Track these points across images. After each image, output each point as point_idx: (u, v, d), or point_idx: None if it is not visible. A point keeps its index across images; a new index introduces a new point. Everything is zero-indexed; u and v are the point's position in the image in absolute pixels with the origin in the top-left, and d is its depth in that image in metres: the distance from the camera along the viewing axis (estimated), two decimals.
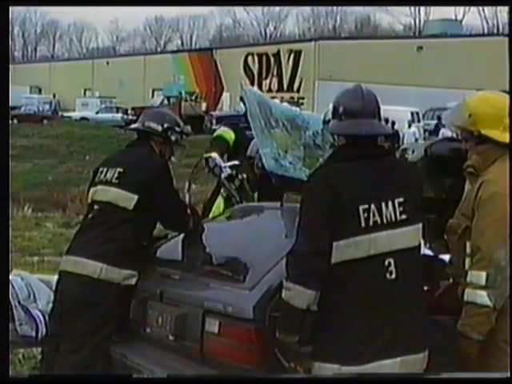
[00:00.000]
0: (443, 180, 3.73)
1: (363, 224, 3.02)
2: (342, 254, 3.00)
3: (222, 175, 4.94)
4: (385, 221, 3.05)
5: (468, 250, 3.25)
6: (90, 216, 4.34)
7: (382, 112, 3.24)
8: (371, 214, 3.03)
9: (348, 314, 3.00)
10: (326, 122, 3.38)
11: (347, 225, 3.01)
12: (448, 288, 3.36)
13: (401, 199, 3.08)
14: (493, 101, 3.34)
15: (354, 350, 2.97)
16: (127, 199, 4.18)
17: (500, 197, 3.14)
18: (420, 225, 3.14)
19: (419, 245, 3.17)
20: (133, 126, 4.70)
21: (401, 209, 3.07)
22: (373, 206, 3.04)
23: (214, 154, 5.08)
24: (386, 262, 3.03)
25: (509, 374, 2.64)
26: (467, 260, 3.25)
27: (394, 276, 3.03)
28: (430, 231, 4.04)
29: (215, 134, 5.79)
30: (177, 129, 4.49)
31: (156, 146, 4.43)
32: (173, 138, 4.46)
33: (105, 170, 4.35)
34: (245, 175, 5.03)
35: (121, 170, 4.26)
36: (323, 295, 2.98)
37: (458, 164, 3.65)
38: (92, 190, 4.39)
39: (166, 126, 4.43)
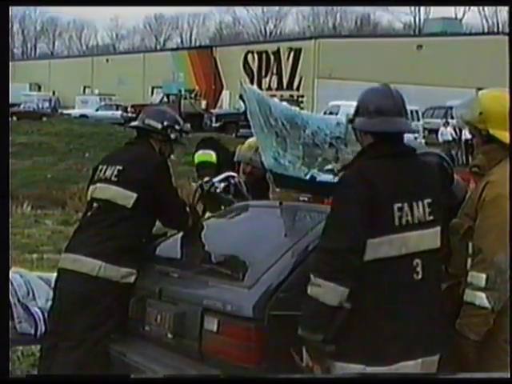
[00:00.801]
0: None
1: (397, 222, 3.00)
2: (376, 251, 2.97)
3: (218, 191, 4.92)
4: (416, 221, 3.04)
5: (470, 251, 3.24)
6: (88, 214, 4.35)
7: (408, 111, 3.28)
8: (404, 213, 3.01)
9: (375, 313, 2.97)
10: (350, 121, 3.35)
11: (382, 222, 2.99)
12: (450, 288, 3.35)
13: (429, 200, 3.09)
14: (506, 101, 3.28)
15: (380, 350, 2.94)
16: (126, 197, 4.18)
17: (504, 199, 3.11)
18: (440, 227, 3.14)
19: (439, 247, 3.16)
20: (132, 123, 4.70)
21: (429, 210, 3.08)
22: (406, 205, 3.02)
23: (207, 179, 5.07)
24: (415, 263, 3.02)
25: (509, 375, 2.64)
26: (469, 260, 3.24)
27: (420, 276, 3.02)
28: None
29: (197, 159, 5.75)
30: (176, 127, 4.48)
31: (155, 144, 4.43)
32: (172, 136, 4.45)
33: (104, 167, 4.35)
34: (237, 180, 5.02)
35: (120, 167, 4.26)
36: (351, 293, 2.94)
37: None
38: (91, 187, 4.39)
39: (165, 123, 4.42)
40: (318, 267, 2.97)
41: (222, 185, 4.96)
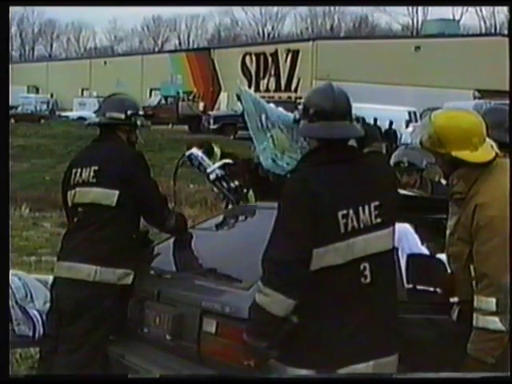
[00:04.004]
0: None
1: (342, 230, 2.98)
2: (321, 261, 2.96)
3: (211, 177, 4.65)
4: (361, 225, 3.00)
5: (472, 273, 3.22)
6: (75, 220, 4.28)
7: (353, 111, 3.14)
8: (349, 220, 2.98)
9: (324, 320, 2.97)
10: (296, 121, 3.22)
11: (326, 231, 2.97)
12: (461, 313, 3.31)
13: (376, 202, 3.04)
14: (459, 121, 3.28)
15: (329, 355, 2.94)
16: (109, 196, 4.14)
17: (499, 220, 3.11)
18: (393, 227, 3.12)
19: (393, 248, 3.15)
20: (92, 120, 4.51)
21: (376, 212, 3.03)
22: (351, 211, 2.99)
23: (195, 150, 4.79)
24: (362, 267, 3.00)
25: (509, 374, 2.63)
26: (473, 283, 3.21)
27: (368, 280, 3.00)
28: (427, 231, 4.04)
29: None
30: (140, 112, 4.43)
31: (123, 135, 4.35)
32: (138, 122, 4.39)
33: (78, 170, 4.26)
34: (237, 182, 4.74)
35: (96, 167, 4.19)
36: (300, 302, 2.94)
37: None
38: (69, 193, 4.31)
39: (129, 112, 4.34)
40: (267, 277, 2.96)
41: (218, 172, 4.65)
